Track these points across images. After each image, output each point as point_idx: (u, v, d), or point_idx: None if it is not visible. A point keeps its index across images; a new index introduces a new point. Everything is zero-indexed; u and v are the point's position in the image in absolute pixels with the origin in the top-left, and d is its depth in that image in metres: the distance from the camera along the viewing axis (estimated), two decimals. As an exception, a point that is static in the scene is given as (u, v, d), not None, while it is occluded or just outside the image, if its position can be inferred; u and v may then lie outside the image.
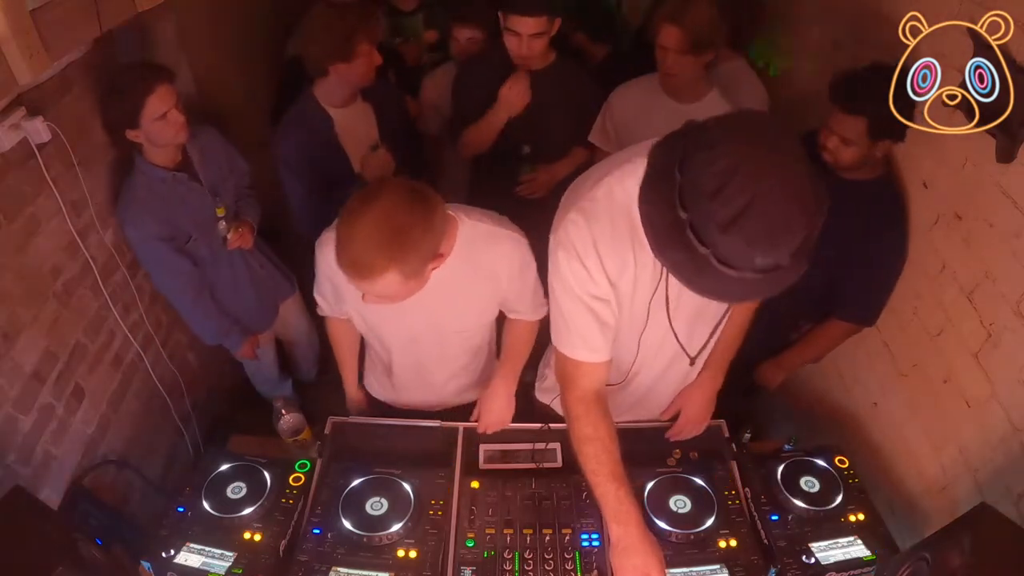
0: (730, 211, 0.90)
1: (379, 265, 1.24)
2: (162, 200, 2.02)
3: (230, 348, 2.45)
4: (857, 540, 1.54)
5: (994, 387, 1.52)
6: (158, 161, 2.01)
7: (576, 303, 1.30)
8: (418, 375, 1.79)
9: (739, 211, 0.90)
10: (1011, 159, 1.42)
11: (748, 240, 0.91)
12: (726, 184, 0.91)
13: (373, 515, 1.52)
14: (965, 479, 1.62)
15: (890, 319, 1.97)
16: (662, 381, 1.64)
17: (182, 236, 2.09)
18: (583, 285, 1.27)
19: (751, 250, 0.92)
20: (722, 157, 0.92)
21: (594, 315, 1.30)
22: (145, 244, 2.04)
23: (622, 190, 1.20)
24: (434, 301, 1.50)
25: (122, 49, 2.11)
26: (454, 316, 1.60)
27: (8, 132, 1.55)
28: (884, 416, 2.02)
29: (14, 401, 1.63)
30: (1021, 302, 1.43)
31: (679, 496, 1.58)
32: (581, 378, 1.37)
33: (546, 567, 1.47)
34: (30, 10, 1.27)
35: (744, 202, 0.90)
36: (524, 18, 2.12)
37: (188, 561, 1.46)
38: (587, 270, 1.25)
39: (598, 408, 1.37)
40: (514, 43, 2.20)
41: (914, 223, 1.85)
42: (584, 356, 1.35)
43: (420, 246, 1.28)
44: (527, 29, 2.14)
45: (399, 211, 1.25)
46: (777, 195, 0.91)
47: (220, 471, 1.62)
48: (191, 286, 2.18)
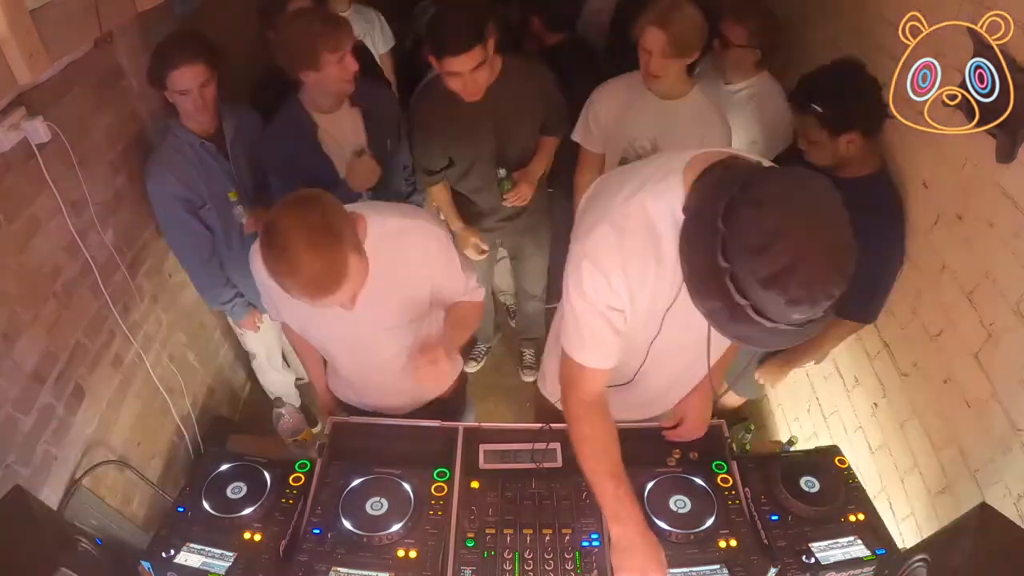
0: (774, 269, 0.93)
1: (337, 260, 1.24)
2: (186, 164, 2.11)
3: (234, 317, 2.50)
4: (857, 540, 1.54)
5: (994, 387, 1.53)
6: (191, 126, 2.11)
7: (592, 311, 1.30)
8: (366, 376, 1.78)
9: (782, 270, 0.93)
10: (1011, 159, 1.42)
11: (789, 300, 0.94)
12: (772, 243, 0.93)
13: (373, 515, 1.52)
14: (965, 479, 1.62)
15: (890, 319, 1.97)
16: (677, 384, 1.65)
17: (198, 201, 2.17)
18: (603, 298, 1.28)
19: (790, 308, 0.95)
20: (769, 217, 0.95)
21: (609, 324, 1.31)
22: (162, 201, 2.12)
23: (655, 209, 1.20)
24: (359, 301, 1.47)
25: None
26: (381, 314, 1.57)
27: (8, 132, 1.55)
28: (884, 416, 2.02)
29: (14, 401, 1.63)
30: (1021, 302, 1.43)
31: (679, 496, 1.58)
32: (586, 382, 1.38)
33: (546, 567, 1.47)
34: (30, 10, 1.27)
35: (788, 263, 0.93)
36: (459, 58, 1.99)
37: (188, 561, 1.45)
38: (610, 285, 1.25)
39: (598, 410, 1.37)
40: (458, 84, 2.07)
41: (914, 223, 1.85)
42: (593, 363, 1.36)
43: (340, 218, 1.29)
44: (466, 67, 2.01)
45: (303, 214, 1.24)
46: (820, 260, 0.94)
47: (220, 471, 1.62)
48: (202, 248, 2.24)
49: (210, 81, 2.02)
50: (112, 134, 2.07)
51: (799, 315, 0.96)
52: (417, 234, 1.52)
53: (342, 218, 1.30)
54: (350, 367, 1.78)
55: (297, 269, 1.23)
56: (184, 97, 2.00)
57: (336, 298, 1.30)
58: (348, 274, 1.26)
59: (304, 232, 1.22)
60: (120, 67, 2.10)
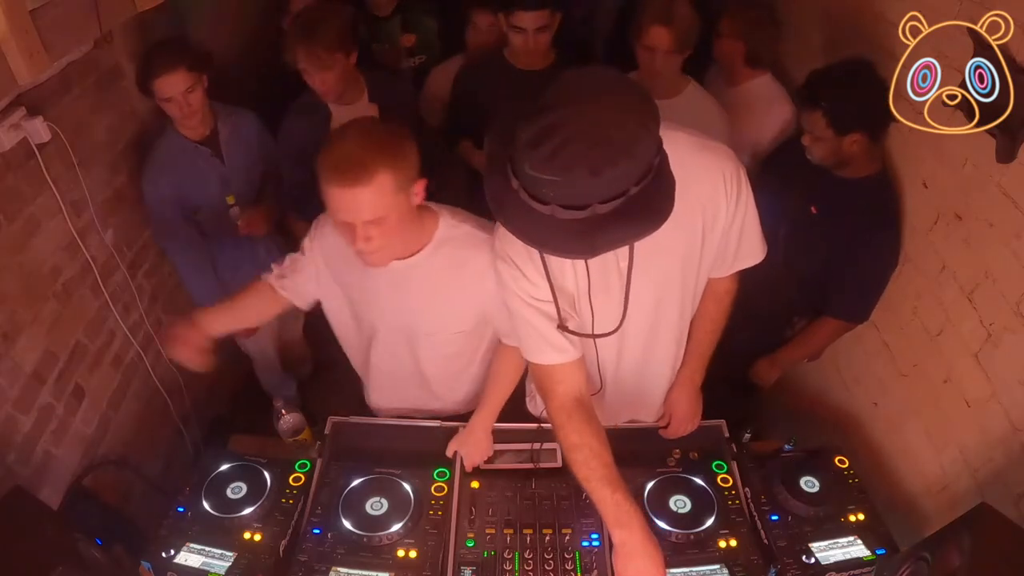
0: (531, 133, 0.95)
1: (372, 162, 1.25)
2: (180, 168, 2.11)
3: None
4: (857, 540, 1.54)
5: (994, 387, 1.52)
6: (184, 131, 2.12)
7: (526, 308, 1.32)
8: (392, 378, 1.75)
9: (540, 131, 0.94)
10: (1011, 159, 1.42)
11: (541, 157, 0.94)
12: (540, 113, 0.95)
13: (373, 515, 1.52)
14: (965, 479, 1.62)
15: (890, 319, 1.97)
16: (649, 373, 1.62)
17: (191, 205, 2.18)
18: (524, 288, 1.30)
19: (541, 169, 0.94)
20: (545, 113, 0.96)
21: (542, 314, 1.32)
22: (155, 203, 2.13)
23: None
24: (407, 293, 1.49)
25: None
26: (427, 316, 1.55)
27: (8, 132, 1.55)
28: (884, 416, 2.02)
29: (14, 401, 1.63)
30: (1021, 302, 1.43)
31: (679, 496, 1.58)
32: (556, 385, 1.37)
33: (546, 567, 1.47)
34: (30, 10, 1.27)
35: (547, 123, 0.94)
36: (528, 13, 2.15)
37: (188, 561, 1.46)
38: (524, 275, 1.29)
39: (580, 414, 1.35)
40: (519, 40, 2.22)
41: (914, 223, 1.85)
42: (551, 358, 1.36)
43: (406, 153, 1.31)
44: (531, 24, 2.17)
45: (379, 126, 1.33)
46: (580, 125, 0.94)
47: (220, 471, 1.62)
48: (192, 250, 2.25)
49: (196, 87, 2.01)
50: (112, 134, 2.07)
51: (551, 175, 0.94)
52: (484, 248, 1.45)
53: (405, 152, 1.32)
54: (378, 361, 1.71)
55: (336, 145, 1.27)
56: (169, 104, 2.00)
57: (348, 199, 1.27)
58: (371, 183, 1.25)
59: (366, 129, 1.30)
60: (120, 67, 2.10)
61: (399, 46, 2.87)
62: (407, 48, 2.88)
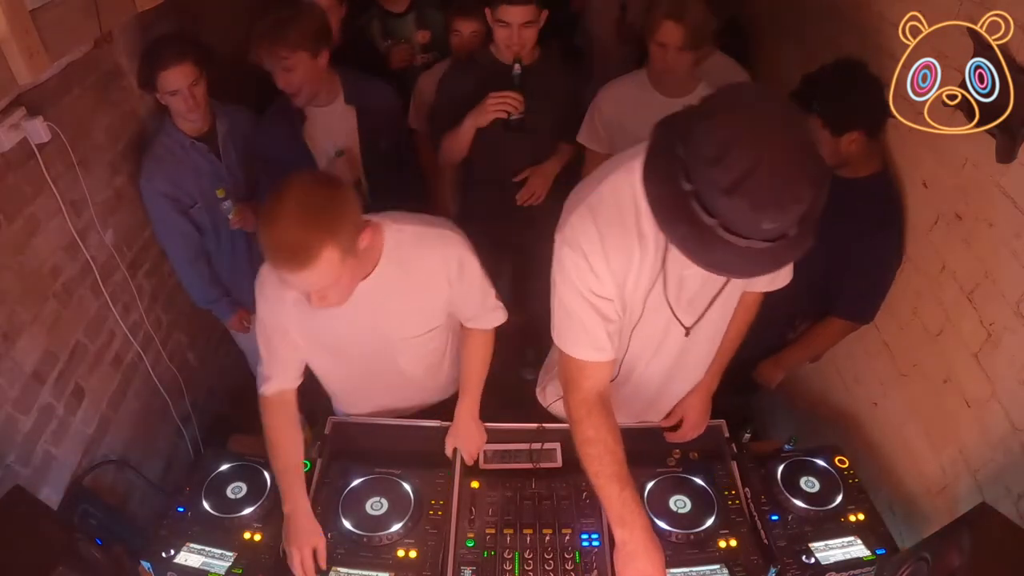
0: (734, 175, 0.90)
1: (315, 242, 1.21)
2: (176, 163, 2.12)
3: (219, 316, 2.51)
4: (857, 540, 1.54)
5: (994, 387, 1.52)
6: (182, 126, 2.12)
7: (580, 300, 1.28)
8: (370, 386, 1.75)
9: (743, 174, 0.90)
10: (1011, 159, 1.42)
11: (753, 204, 0.91)
12: (728, 150, 0.91)
13: (373, 515, 1.52)
14: (965, 479, 1.62)
15: (890, 319, 1.97)
16: (678, 377, 1.61)
17: (187, 200, 2.18)
18: (587, 283, 1.25)
19: (757, 214, 0.91)
20: (721, 127, 0.93)
21: (598, 312, 1.28)
22: (151, 198, 2.14)
23: (628, 185, 1.18)
24: (373, 309, 1.47)
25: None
26: (397, 324, 1.55)
27: (8, 132, 1.55)
28: (884, 416, 2.02)
29: (14, 401, 1.63)
30: (1021, 302, 1.43)
31: (679, 496, 1.58)
32: (584, 380, 1.35)
33: (546, 567, 1.47)
34: (30, 10, 1.27)
35: (748, 165, 0.90)
36: (513, 7, 2.12)
37: (188, 561, 1.46)
38: (592, 268, 1.23)
39: (601, 410, 1.35)
40: (504, 35, 2.17)
41: (914, 223, 1.85)
42: (588, 355, 1.33)
43: (346, 215, 1.27)
44: (517, 18, 2.13)
45: (314, 191, 1.25)
46: (780, 159, 0.91)
47: (220, 471, 1.63)
48: (188, 247, 2.26)
49: (200, 80, 2.03)
50: (112, 134, 2.07)
51: (769, 222, 0.92)
52: (435, 240, 1.49)
53: (345, 214, 1.27)
54: (358, 378, 1.73)
55: (275, 228, 1.22)
56: (175, 97, 2.01)
57: (298, 280, 1.26)
58: (318, 264, 1.22)
59: (301, 201, 1.22)
60: (120, 67, 2.10)
61: (414, 42, 2.86)
62: (422, 45, 2.87)
